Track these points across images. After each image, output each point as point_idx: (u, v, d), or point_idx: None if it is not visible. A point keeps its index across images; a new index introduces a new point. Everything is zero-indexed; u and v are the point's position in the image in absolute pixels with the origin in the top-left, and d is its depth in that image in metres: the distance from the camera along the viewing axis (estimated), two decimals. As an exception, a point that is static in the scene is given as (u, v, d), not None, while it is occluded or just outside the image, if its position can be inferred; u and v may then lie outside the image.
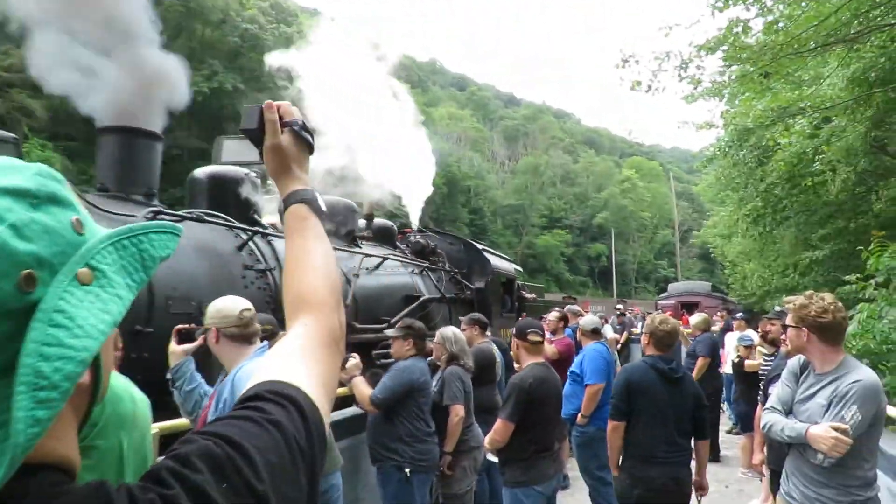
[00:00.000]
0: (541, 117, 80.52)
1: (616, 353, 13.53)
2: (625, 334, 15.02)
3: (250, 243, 5.09)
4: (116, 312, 0.72)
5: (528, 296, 13.06)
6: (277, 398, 0.81)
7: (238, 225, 5.11)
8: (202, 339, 3.01)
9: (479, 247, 10.33)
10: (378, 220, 8.99)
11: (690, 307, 23.06)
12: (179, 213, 4.63)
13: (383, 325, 6.68)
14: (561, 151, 72.78)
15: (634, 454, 3.90)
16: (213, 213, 5.08)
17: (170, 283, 4.10)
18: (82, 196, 3.94)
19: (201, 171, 5.53)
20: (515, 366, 4.77)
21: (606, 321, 13.68)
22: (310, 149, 1.22)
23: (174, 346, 3.13)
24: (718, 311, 14.58)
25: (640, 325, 16.19)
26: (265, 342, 2.96)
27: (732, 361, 7.93)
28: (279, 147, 1.18)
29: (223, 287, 4.36)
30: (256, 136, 1.19)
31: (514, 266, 12.06)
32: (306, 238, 1.12)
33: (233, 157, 1.34)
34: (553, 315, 7.82)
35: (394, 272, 7.79)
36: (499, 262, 10.73)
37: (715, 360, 8.49)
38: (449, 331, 4.90)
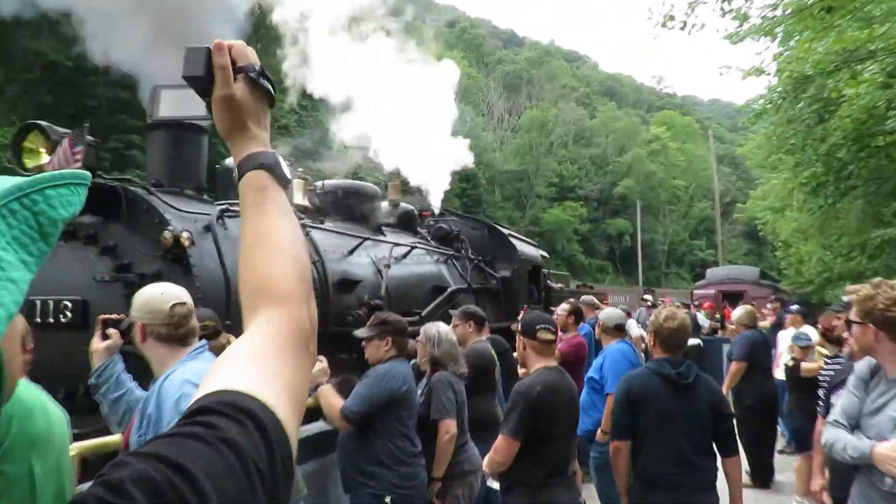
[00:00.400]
0: (548, 61, 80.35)
1: (643, 353, 13.77)
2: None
3: None
4: (10, 302, 0.70)
5: (555, 286, 13.77)
6: (232, 412, 0.80)
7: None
8: (118, 336, 3.04)
9: (505, 231, 11.33)
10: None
11: (734, 298, 23.32)
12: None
13: (415, 318, 7.24)
14: (574, 104, 72.79)
15: (640, 478, 3.98)
16: None
17: (234, 277, 4.79)
18: (153, 193, 5.02)
19: (232, 161, 6.12)
20: (520, 370, 4.83)
21: (630, 315, 13.82)
22: (270, 100, 1.21)
23: (96, 343, 3.14)
24: (768, 302, 14.69)
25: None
26: (203, 342, 2.98)
27: (785, 365, 8.03)
28: (232, 99, 1.17)
29: None
30: (203, 85, 1.18)
31: (541, 252, 13.03)
32: (267, 213, 1.12)
33: (172, 111, 1.32)
34: (563, 308, 7.87)
35: (420, 261, 8.78)
36: (525, 248, 11.62)
37: (763, 363, 8.62)
38: (433, 328, 4.94)
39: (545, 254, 13.97)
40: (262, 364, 0.93)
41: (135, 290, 3.19)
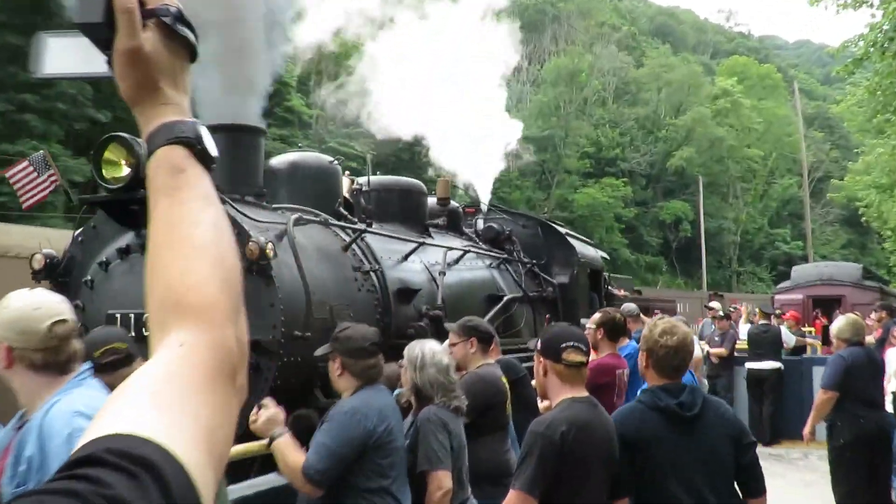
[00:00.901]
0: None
1: (705, 380, 13.60)
2: (725, 347, 15.56)
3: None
4: None
5: (618, 293, 15.40)
6: (125, 463, 0.81)
7: (336, 223, 7.50)
8: None
9: (562, 230, 12.66)
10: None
11: (828, 304, 23.42)
12: (311, 217, 7.11)
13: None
14: (615, 47, 72.88)
15: None
16: (312, 210, 7.39)
17: (312, 287, 6.15)
18: (227, 202, 5.98)
19: (280, 161, 8.13)
20: (541, 404, 4.81)
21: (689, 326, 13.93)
22: (190, 53, 1.24)
23: None
24: (874, 310, 14.68)
25: (743, 331, 16.84)
26: (86, 366, 3.02)
27: (893, 394, 8.03)
28: (139, 52, 1.18)
29: (344, 291, 6.88)
30: (102, 35, 1.17)
31: (601, 252, 14.56)
32: (184, 202, 1.13)
33: (60, 66, 1.30)
34: (595, 320, 7.75)
35: (473, 266, 10.00)
36: (584, 249, 12.98)
37: (866, 391, 8.57)
38: (417, 348, 4.94)
39: (605, 255, 15.59)
40: (170, 400, 0.93)
41: None
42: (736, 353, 15.65)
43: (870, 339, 12.04)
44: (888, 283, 28.59)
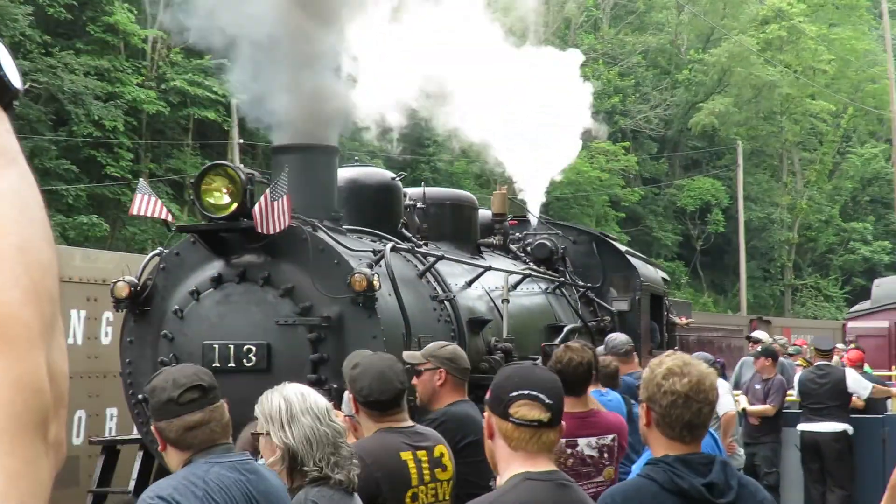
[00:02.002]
0: None
1: (741, 449, 15.66)
2: (771, 403, 16.42)
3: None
4: None
5: (678, 320, 18.25)
6: None
7: (402, 247, 11.13)
8: None
9: (622, 248, 15.76)
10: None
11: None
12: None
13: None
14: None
15: None
16: (378, 233, 11.15)
17: (413, 319, 9.81)
18: (319, 228, 9.84)
19: (339, 177, 11.04)
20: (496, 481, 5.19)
21: (724, 372, 16.38)
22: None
23: None
24: None
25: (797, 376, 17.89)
26: None
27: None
28: None
29: (427, 321, 10.20)
30: None
31: (661, 273, 17.58)
32: None
33: None
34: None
35: (529, 292, 13.35)
36: (646, 270, 15.92)
37: None
38: (275, 397, 5.43)
39: (667, 276, 18.66)
40: None
41: (320, 333, 7.64)
42: (785, 409, 16.56)
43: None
44: None
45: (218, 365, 8.36)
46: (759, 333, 21.53)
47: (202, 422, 4.96)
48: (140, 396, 9.26)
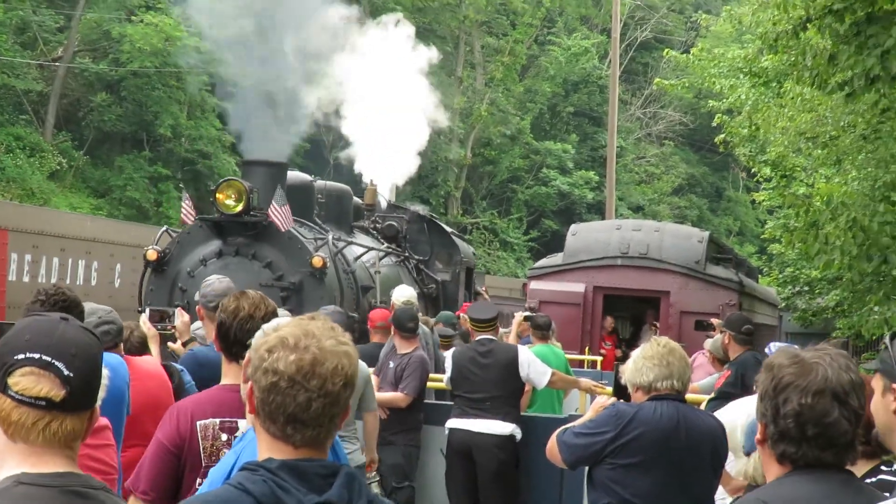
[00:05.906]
0: None
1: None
2: (404, 390, 11.78)
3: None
4: None
5: (482, 291, 22.32)
6: None
7: (332, 236, 17.82)
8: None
9: (447, 229, 20.12)
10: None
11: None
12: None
13: None
14: None
15: None
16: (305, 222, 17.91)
17: (345, 283, 17.24)
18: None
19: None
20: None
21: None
22: None
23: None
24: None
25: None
26: None
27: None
28: None
29: (346, 287, 16.98)
30: None
31: (471, 248, 21.77)
32: None
33: None
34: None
35: (387, 264, 18.78)
36: (465, 248, 20.24)
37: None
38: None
39: (473, 250, 22.91)
40: None
41: (288, 294, 13.64)
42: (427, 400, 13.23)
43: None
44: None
45: None
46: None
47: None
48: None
